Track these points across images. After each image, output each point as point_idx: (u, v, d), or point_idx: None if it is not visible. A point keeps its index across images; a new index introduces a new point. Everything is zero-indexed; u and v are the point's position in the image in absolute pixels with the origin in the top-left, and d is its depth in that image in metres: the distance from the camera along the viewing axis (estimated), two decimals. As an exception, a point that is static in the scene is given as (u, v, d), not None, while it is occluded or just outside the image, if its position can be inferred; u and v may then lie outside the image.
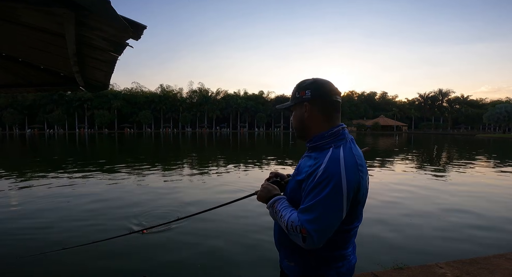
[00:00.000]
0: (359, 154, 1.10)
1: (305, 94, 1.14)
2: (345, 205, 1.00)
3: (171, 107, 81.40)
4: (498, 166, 12.99)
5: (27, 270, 3.39)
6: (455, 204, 6.28)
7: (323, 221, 0.98)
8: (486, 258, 3.10)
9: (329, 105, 1.14)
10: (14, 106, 69.35)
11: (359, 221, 1.14)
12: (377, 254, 3.76)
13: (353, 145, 1.11)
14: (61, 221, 5.05)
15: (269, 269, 3.32)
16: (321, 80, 1.16)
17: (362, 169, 1.06)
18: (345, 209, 1.01)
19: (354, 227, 1.13)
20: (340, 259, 1.12)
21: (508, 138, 46.54)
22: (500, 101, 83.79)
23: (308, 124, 1.16)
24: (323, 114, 1.14)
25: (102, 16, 1.18)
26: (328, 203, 0.98)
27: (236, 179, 9.29)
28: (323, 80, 1.16)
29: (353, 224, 1.12)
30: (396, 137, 48.16)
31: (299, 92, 1.16)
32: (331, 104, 1.14)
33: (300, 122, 1.19)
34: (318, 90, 1.13)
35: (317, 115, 1.14)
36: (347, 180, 0.99)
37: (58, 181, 8.75)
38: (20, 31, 1.79)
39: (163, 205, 6.02)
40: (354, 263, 1.19)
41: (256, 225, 4.79)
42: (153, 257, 3.68)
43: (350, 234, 1.13)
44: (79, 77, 2.50)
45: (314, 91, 1.13)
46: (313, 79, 1.17)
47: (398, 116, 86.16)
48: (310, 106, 1.14)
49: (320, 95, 1.13)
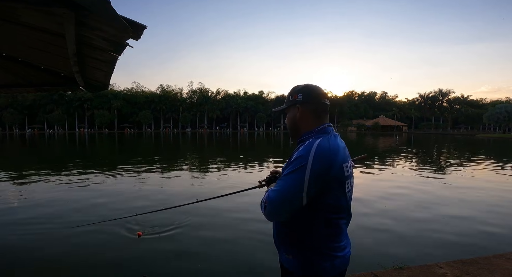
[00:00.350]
0: (336, 145, 1.17)
1: (297, 97, 1.28)
2: (306, 186, 1.07)
3: (171, 107, 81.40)
4: (498, 166, 12.99)
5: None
6: (455, 204, 6.28)
7: (281, 195, 1.09)
8: (486, 258, 3.10)
9: (319, 107, 1.27)
10: (14, 106, 69.36)
11: (346, 213, 1.23)
12: (377, 254, 3.76)
13: (333, 138, 1.20)
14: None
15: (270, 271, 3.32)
16: (312, 86, 1.30)
17: (335, 158, 1.13)
18: (306, 191, 1.08)
19: (342, 218, 1.22)
20: (334, 251, 1.19)
21: (508, 138, 46.54)
22: (500, 101, 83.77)
23: (300, 124, 1.29)
24: (313, 114, 1.27)
25: (102, 16, 1.18)
26: (290, 181, 1.09)
27: (237, 179, 9.29)
28: (314, 85, 1.30)
29: (340, 214, 1.20)
30: (396, 137, 48.15)
31: (292, 95, 1.30)
32: (320, 106, 1.27)
33: (293, 123, 1.31)
34: (309, 94, 1.27)
35: (307, 115, 1.27)
36: (313, 164, 1.08)
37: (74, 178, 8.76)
38: (20, 31, 1.79)
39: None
40: (349, 257, 1.26)
41: (258, 228, 4.79)
42: (153, 257, 3.68)
43: (340, 225, 1.21)
44: (79, 77, 2.50)
45: (305, 95, 1.27)
46: (305, 84, 1.31)
47: (398, 116, 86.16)
48: (301, 108, 1.27)
49: (311, 98, 1.26)
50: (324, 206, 1.14)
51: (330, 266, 1.17)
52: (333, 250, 1.18)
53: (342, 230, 1.22)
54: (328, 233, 1.17)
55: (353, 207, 1.31)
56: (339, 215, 1.19)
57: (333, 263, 1.18)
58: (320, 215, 1.15)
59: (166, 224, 4.76)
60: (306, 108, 1.27)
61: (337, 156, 1.13)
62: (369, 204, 6.03)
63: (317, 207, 1.14)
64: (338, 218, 1.19)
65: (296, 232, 1.19)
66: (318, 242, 1.17)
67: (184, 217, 5.14)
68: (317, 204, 1.13)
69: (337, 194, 1.15)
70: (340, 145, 1.19)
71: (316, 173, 1.07)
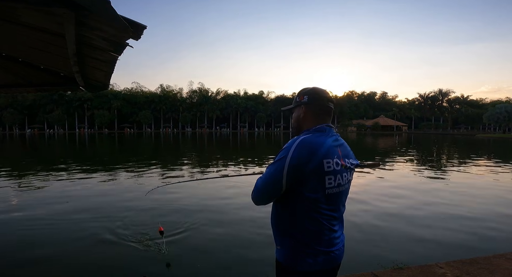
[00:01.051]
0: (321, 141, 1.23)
1: (303, 99, 1.36)
2: (284, 174, 1.18)
3: (171, 107, 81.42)
4: (498, 166, 12.99)
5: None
6: (455, 204, 6.28)
7: (263, 182, 1.24)
8: (486, 258, 3.10)
9: (322, 108, 1.35)
10: (14, 106, 69.38)
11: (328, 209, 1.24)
12: (377, 254, 3.77)
13: (323, 136, 1.26)
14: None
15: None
16: (318, 89, 1.38)
17: (315, 152, 1.19)
18: (284, 181, 1.18)
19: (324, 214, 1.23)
20: (317, 246, 1.23)
21: (508, 138, 46.55)
22: (500, 101, 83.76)
23: (303, 123, 1.38)
24: (315, 115, 1.34)
25: (102, 16, 1.18)
26: (272, 169, 1.21)
27: (237, 178, 9.28)
28: (320, 89, 1.38)
29: (321, 209, 1.22)
30: (396, 137, 48.16)
31: (299, 97, 1.40)
32: (324, 108, 1.35)
33: (297, 122, 1.41)
34: (313, 96, 1.35)
35: (310, 116, 1.35)
36: (292, 155, 1.18)
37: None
38: (20, 31, 1.79)
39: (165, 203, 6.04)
40: (338, 255, 1.28)
41: (261, 231, 4.79)
42: (153, 257, 3.68)
43: (322, 221, 1.23)
44: (79, 77, 2.50)
45: (311, 97, 1.35)
46: (312, 87, 1.39)
47: (398, 116, 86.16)
48: (305, 108, 1.36)
49: (315, 100, 1.34)
50: (304, 199, 1.21)
51: (312, 261, 1.21)
52: (316, 244, 1.22)
53: (324, 226, 1.24)
54: (311, 228, 1.22)
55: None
56: (320, 210, 1.23)
57: (316, 259, 1.21)
58: (302, 208, 1.22)
59: (172, 227, 4.76)
60: (309, 109, 1.35)
61: (317, 151, 1.19)
62: (369, 204, 6.02)
63: (298, 200, 1.22)
64: (320, 213, 1.23)
65: (283, 225, 1.27)
66: (300, 235, 1.23)
67: (188, 220, 5.14)
68: (298, 197, 1.21)
69: (315, 187, 1.20)
70: (327, 142, 1.24)
71: (294, 163, 1.17)
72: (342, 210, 1.33)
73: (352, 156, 1.38)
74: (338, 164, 1.25)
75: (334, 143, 1.28)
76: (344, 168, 1.28)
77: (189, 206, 6.00)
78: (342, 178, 1.27)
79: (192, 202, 6.35)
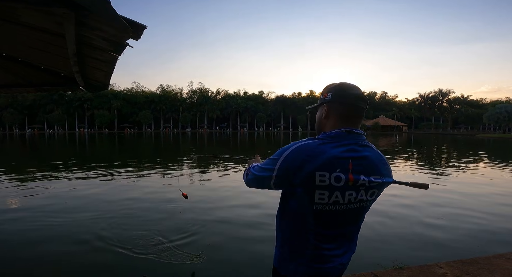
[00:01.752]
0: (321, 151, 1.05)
1: (327, 96, 1.17)
2: (274, 174, 1.10)
3: (171, 107, 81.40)
4: (498, 166, 12.99)
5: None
6: (455, 204, 6.29)
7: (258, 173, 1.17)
8: (486, 258, 3.10)
9: (347, 107, 1.13)
10: (14, 106, 69.37)
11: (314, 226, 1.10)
12: (377, 254, 3.76)
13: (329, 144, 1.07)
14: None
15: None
16: (346, 85, 1.17)
17: (305, 163, 1.04)
18: (274, 179, 1.11)
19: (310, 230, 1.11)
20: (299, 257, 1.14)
21: (508, 138, 46.53)
22: (500, 101, 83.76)
23: (324, 124, 1.19)
24: (338, 116, 1.14)
25: (102, 16, 1.18)
26: (267, 165, 1.14)
27: (237, 178, 9.29)
28: (348, 84, 1.17)
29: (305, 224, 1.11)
30: (396, 137, 48.15)
31: (323, 94, 1.20)
32: (349, 107, 1.13)
33: (318, 122, 1.23)
34: (339, 93, 1.14)
35: (332, 116, 1.16)
36: (282, 161, 1.08)
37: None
38: (20, 31, 1.79)
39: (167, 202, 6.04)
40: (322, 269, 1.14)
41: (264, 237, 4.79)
42: (153, 257, 3.68)
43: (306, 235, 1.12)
44: (79, 77, 2.50)
45: (335, 94, 1.15)
46: (339, 82, 1.19)
47: (398, 116, 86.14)
48: (328, 107, 1.17)
49: (339, 98, 1.14)
50: (291, 209, 1.14)
51: (293, 268, 1.15)
52: (299, 256, 1.14)
53: (309, 242, 1.12)
54: (294, 240, 1.16)
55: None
56: (307, 225, 1.11)
57: (297, 268, 1.14)
58: (289, 217, 1.16)
59: (176, 230, 4.76)
60: (332, 108, 1.15)
61: (311, 161, 1.03)
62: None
63: (287, 207, 1.16)
64: (305, 228, 1.11)
65: (278, 222, 1.23)
66: (287, 240, 1.18)
67: (190, 222, 5.14)
68: (287, 203, 1.16)
69: (301, 200, 1.08)
70: (329, 152, 1.05)
71: (282, 168, 1.09)
72: (348, 229, 1.16)
73: (380, 172, 1.13)
74: (340, 180, 1.04)
75: (344, 154, 1.06)
76: (353, 185, 1.06)
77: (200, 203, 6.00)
78: (343, 196, 1.07)
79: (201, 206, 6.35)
